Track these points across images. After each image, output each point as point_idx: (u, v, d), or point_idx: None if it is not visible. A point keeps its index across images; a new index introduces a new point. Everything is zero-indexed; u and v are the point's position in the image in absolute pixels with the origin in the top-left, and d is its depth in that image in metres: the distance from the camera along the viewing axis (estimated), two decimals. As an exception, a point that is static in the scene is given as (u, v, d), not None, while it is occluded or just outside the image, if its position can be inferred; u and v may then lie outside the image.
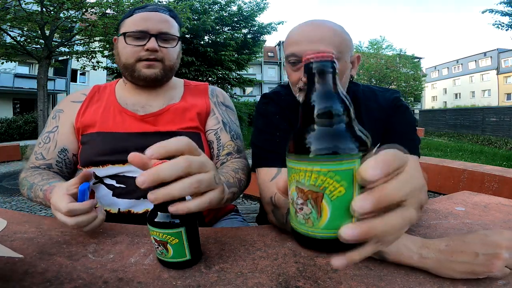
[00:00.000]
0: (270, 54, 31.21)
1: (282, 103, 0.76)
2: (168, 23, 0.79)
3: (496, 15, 9.75)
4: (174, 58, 0.81)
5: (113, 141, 0.75)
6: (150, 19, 0.76)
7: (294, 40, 0.66)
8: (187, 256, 0.45)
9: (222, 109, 0.89)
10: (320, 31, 0.65)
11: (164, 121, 0.79)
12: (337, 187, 0.26)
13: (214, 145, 0.83)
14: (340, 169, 0.26)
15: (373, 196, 0.25)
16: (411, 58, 25.32)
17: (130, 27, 0.77)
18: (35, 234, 0.57)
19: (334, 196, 0.26)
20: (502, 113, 12.81)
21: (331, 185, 0.26)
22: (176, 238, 0.44)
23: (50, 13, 4.44)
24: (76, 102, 0.84)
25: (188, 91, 0.89)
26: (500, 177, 2.56)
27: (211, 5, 11.69)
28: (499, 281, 0.42)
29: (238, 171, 0.71)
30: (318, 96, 0.29)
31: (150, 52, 0.75)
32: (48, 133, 0.81)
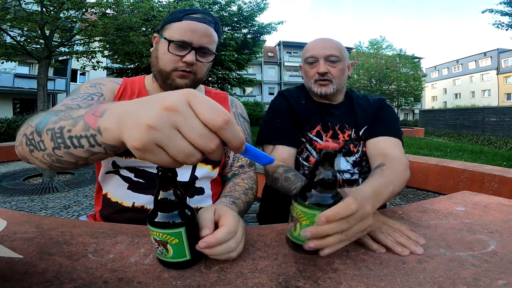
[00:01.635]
0: (270, 54, 31.20)
1: (292, 101, 0.99)
2: (211, 38, 0.78)
3: (496, 15, 9.75)
4: (205, 72, 0.82)
5: None
6: (196, 31, 0.74)
7: (311, 47, 0.97)
8: (187, 256, 0.45)
9: (240, 120, 0.93)
10: (329, 42, 0.96)
11: None
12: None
13: (230, 155, 0.88)
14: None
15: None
16: (411, 58, 25.29)
17: (176, 35, 0.74)
18: (35, 234, 0.57)
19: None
20: (502, 113, 12.81)
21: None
22: (176, 238, 0.44)
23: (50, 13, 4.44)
24: (115, 82, 0.82)
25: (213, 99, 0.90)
26: (500, 177, 2.56)
27: (211, 5, 11.68)
28: (499, 281, 0.42)
29: (248, 192, 0.76)
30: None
31: (187, 64, 0.75)
32: (89, 94, 0.71)
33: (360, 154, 0.96)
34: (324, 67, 0.93)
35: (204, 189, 0.82)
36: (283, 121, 0.96)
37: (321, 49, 0.94)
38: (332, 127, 0.96)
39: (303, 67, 1.00)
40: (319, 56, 0.95)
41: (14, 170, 5.71)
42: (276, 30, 12.90)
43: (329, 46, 0.95)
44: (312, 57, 0.95)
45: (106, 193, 0.79)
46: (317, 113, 0.99)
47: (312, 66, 0.96)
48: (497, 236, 0.58)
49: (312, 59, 0.95)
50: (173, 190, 0.45)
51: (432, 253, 0.51)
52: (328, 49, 0.94)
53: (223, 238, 0.45)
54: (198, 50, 0.76)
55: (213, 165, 0.83)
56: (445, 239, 0.57)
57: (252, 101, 23.07)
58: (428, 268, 0.46)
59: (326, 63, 0.94)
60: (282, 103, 1.00)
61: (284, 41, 31.08)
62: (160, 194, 0.45)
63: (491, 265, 0.47)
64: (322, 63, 0.94)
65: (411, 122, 25.69)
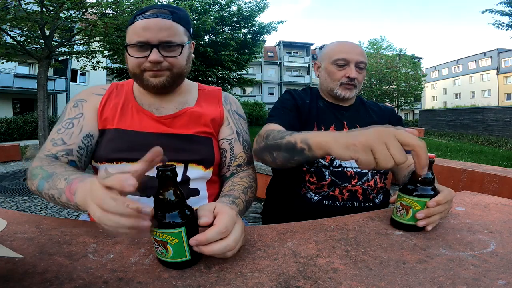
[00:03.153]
0: (270, 54, 31.20)
1: (297, 98, 1.02)
2: (170, 30, 0.73)
3: (496, 15, 9.74)
4: (182, 65, 0.77)
5: (130, 139, 0.75)
6: (150, 29, 0.71)
7: (344, 50, 0.97)
8: (187, 256, 0.45)
9: (236, 118, 0.90)
10: (360, 48, 0.99)
11: (179, 124, 0.80)
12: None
13: (227, 154, 0.86)
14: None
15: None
16: (411, 58, 25.30)
17: (131, 38, 0.73)
18: (35, 234, 0.57)
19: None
20: (502, 113, 12.82)
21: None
22: (176, 238, 0.44)
23: (50, 13, 4.44)
24: (98, 94, 0.83)
25: (202, 96, 0.89)
26: (500, 177, 2.56)
27: (211, 5, 11.68)
28: (499, 281, 0.42)
29: (248, 191, 0.75)
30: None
31: (153, 64, 0.72)
32: (71, 119, 0.77)
33: None
34: (355, 73, 0.96)
35: (199, 190, 0.80)
36: (289, 109, 0.98)
37: (354, 54, 0.96)
38: (347, 126, 0.98)
39: (327, 67, 1.00)
40: (351, 60, 0.96)
41: (14, 170, 5.71)
42: (276, 30, 12.90)
43: (360, 52, 0.98)
44: (344, 60, 0.96)
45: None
46: (330, 112, 1.00)
47: (341, 68, 0.97)
48: (497, 236, 0.58)
49: (343, 62, 0.96)
50: (173, 189, 0.45)
51: (432, 253, 0.51)
52: (359, 55, 0.96)
53: (213, 238, 0.45)
54: (160, 46, 0.72)
55: (205, 166, 0.80)
56: (445, 239, 0.57)
57: (252, 101, 23.08)
58: (428, 268, 0.46)
59: (356, 69, 0.96)
60: (288, 99, 1.02)
61: (284, 41, 31.09)
62: (160, 193, 0.45)
63: (491, 265, 0.47)
64: (353, 68, 0.96)
65: (411, 122, 25.68)
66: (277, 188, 1.06)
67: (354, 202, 0.91)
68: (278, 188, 1.05)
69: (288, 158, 0.69)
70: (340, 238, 0.57)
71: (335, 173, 0.92)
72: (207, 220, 0.46)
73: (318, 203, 0.92)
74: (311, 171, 0.94)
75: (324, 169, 0.93)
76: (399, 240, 0.57)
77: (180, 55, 0.75)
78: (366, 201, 0.93)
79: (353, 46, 0.99)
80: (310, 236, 0.58)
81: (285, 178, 1.00)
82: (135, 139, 0.76)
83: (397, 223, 0.62)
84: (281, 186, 1.04)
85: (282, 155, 0.71)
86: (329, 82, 1.00)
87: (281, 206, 1.01)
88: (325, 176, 0.92)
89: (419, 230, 0.60)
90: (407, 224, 0.60)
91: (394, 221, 0.63)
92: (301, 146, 0.65)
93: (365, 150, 0.50)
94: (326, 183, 0.91)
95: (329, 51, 1.01)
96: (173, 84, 0.80)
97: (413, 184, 0.60)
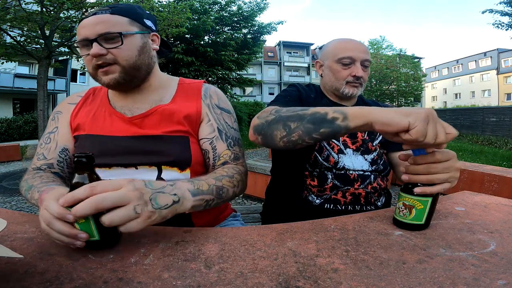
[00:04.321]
0: (270, 54, 31.20)
1: (302, 92, 1.00)
2: (107, 23, 0.71)
3: (496, 15, 9.75)
4: (130, 55, 0.73)
5: (99, 144, 0.75)
6: (87, 25, 0.71)
7: (349, 48, 0.95)
8: (95, 236, 0.48)
9: (217, 113, 0.83)
10: (364, 46, 0.98)
11: (150, 123, 0.77)
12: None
13: (210, 155, 0.80)
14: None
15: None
16: (411, 58, 25.30)
17: (77, 39, 0.74)
18: (35, 234, 0.57)
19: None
20: (502, 113, 12.81)
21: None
22: (83, 219, 0.47)
23: (50, 13, 4.44)
24: (72, 104, 0.85)
25: (181, 91, 0.85)
26: (500, 177, 2.56)
27: (211, 5, 11.69)
28: (499, 281, 0.42)
29: (223, 178, 0.70)
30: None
31: (97, 58, 0.71)
32: (48, 134, 0.82)
33: (377, 152, 0.96)
34: (361, 71, 0.95)
35: None
36: (294, 99, 0.96)
37: (359, 52, 0.95)
38: None
39: (332, 66, 0.98)
40: (357, 58, 0.94)
41: (14, 170, 5.71)
42: (276, 30, 12.91)
43: (365, 50, 0.97)
44: (350, 58, 0.94)
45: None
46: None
47: (346, 67, 0.96)
48: (497, 236, 0.58)
49: (348, 60, 0.95)
50: (88, 173, 0.49)
51: (432, 253, 0.51)
52: (365, 53, 0.96)
53: (79, 193, 0.45)
54: (99, 39, 0.70)
55: (180, 167, 0.75)
56: (445, 239, 0.57)
57: (252, 101, 23.07)
58: (428, 268, 0.46)
59: (361, 67, 0.95)
60: (293, 90, 1.00)
61: (284, 41, 31.10)
62: (75, 178, 0.49)
63: (491, 265, 0.47)
64: (359, 67, 0.94)
65: (411, 122, 25.54)
66: (278, 189, 1.04)
67: (356, 206, 0.91)
68: (278, 189, 1.04)
69: (312, 130, 0.62)
70: (340, 238, 0.57)
71: (338, 176, 0.91)
72: (62, 201, 0.46)
73: (320, 206, 0.90)
74: (313, 175, 0.92)
75: (327, 172, 0.91)
76: (399, 240, 0.57)
77: (123, 44, 0.72)
78: (368, 204, 0.92)
79: (358, 44, 0.97)
80: (310, 236, 0.58)
81: (286, 179, 0.99)
82: (104, 144, 0.74)
83: (401, 223, 0.62)
84: (282, 187, 1.02)
85: (304, 127, 0.63)
86: (334, 81, 0.98)
87: (282, 208, 0.99)
88: (327, 180, 0.91)
89: (424, 229, 0.60)
90: (411, 223, 0.60)
91: (397, 221, 0.63)
92: (333, 115, 0.60)
93: (424, 120, 0.51)
94: (329, 186, 0.90)
95: (333, 49, 0.98)
96: (131, 80, 0.76)
97: (414, 183, 0.60)
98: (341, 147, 0.94)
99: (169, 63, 10.71)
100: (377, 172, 0.94)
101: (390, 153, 1.00)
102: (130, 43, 0.73)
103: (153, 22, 0.82)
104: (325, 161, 0.92)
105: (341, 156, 0.92)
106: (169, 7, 7.51)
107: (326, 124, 0.60)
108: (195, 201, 0.59)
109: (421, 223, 0.60)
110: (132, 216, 0.47)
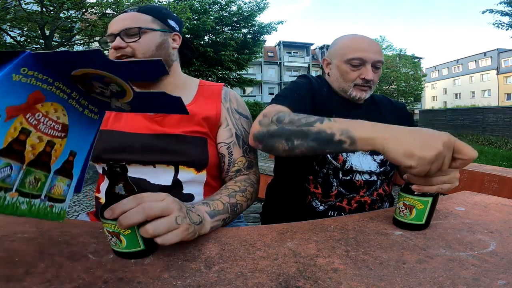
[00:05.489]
0: (270, 54, 31.21)
1: (315, 85, 0.90)
2: (130, 20, 0.77)
3: (496, 15, 9.75)
4: (147, 49, 0.77)
5: (121, 140, 0.76)
6: (114, 22, 0.78)
7: (360, 48, 0.85)
8: (140, 246, 0.47)
9: (236, 117, 0.84)
10: (377, 45, 0.88)
11: (171, 122, 0.78)
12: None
13: (225, 160, 0.81)
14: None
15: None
16: (411, 58, 25.30)
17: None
18: (35, 234, 0.57)
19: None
20: (502, 113, 12.81)
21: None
22: (129, 229, 0.46)
23: (50, 13, 4.44)
24: None
25: (201, 93, 0.86)
26: (500, 177, 2.56)
27: (211, 5, 11.70)
28: (499, 281, 0.42)
29: (236, 194, 0.71)
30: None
31: (117, 51, 0.76)
32: None
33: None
34: (372, 74, 0.85)
35: (194, 196, 0.78)
36: (303, 96, 0.85)
37: (372, 53, 0.85)
38: None
39: (340, 66, 0.89)
40: (368, 60, 0.85)
41: (14, 170, 5.70)
42: (276, 30, 12.92)
43: (378, 50, 0.87)
44: (360, 59, 0.85)
45: (99, 197, 0.82)
46: (343, 108, 0.91)
47: (356, 68, 0.86)
48: (497, 236, 0.58)
49: (358, 62, 0.85)
50: (123, 184, 0.48)
51: (432, 253, 0.51)
52: (377, 54, 0.86)
53: (125, 204, 0.45)
54: (121, 34, 0.75)
55: (196, 169, 0.77)
56: (445, 239, 0.57)
57: (252, 101, 23.07)
58: (428, 268, 0.46)
59: (372, 69, 0.86)
60: (305, 82, 0.90)
61: (284, 41, 31.11)
62: (110, 188, 0.48)
63: (491, 265, 0.47)
64: (370, 69, 0.85)
65: (411, 122, 25.59)
66: (280, 191, 1.00)
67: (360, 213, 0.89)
68: (280, 192, 0.99)
69: (316, 148, 0.60)
70: (340, 238, 0.57)
71: (343, 183, 0.87)
72: (109, 212, 0.46)
73: (323, 212, 0.87)
74: (317, 181, 0.88)
75: (333, 178, 0.87)
76: (399, 240, 0.57)
77: (140, 38, 0.76)
78: (372, 210, 0.88)
79: (371, 43, 0.87)
80: (310, 236, 0.58)
81: (290, 182, 0.94)
82: (125, 140, 0.76)
83: (401, 223, 0.62)
84: (284, 189, 0.97)
85: (308, 145, 0.61)
86: (341, 82, 0.90)
87: (283, 211, 0.95)
88: (332, 187, 0.87)
89: (424, 229, 0.60)
90: (412, 223, 0.60)
91: (397, 221, 0.63)
92: (341, 138, 0.57)
93: (428, 163, 0.50)
94: (334, 193, 0.86)
95: (343, 47, 0.89)
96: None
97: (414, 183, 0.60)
98: None
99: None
100: (384, 175, 0.90)
101: None
102: (149, 39, 0.77)
103: (177, 24, 0.86)
104: (334, 159, 0.86)
105: (350, 155, 0.87)
106: (169, 7, 7.52)
107: (332, 146, 0.59)
108: (213, 223, 0.60)
109: (422, 223, 0.60)
110: (173, 226, 0.47)
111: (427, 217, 0.60)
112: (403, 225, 0.62)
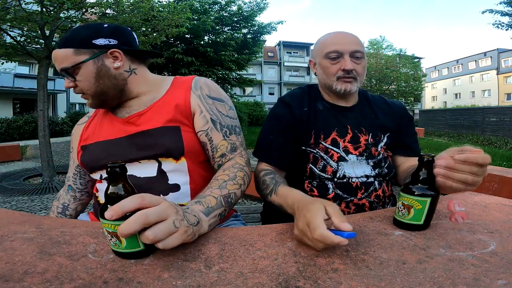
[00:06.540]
0: (270, 54, 31.20)
1: (295, 108, 0.92)
2: (58, 60, 0.76)
3: (496, 15, 9.74)
4: (90, 85, 0.76)
5: (105, 147, 0.81)
6: (55, 61, 0.77)
7: (334, 41, 0.89)
8: (140, 246, 0.47)
9: (209, 103, 0.81)
10: (353, 37, 0.89)
11: (146, 119, 0.79)
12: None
13: (208, 147, 0.80)
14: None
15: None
16: (411, 58, 25.29)
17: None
18: (35, 234, 0.57)
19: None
20: (502, 113, 12.81)
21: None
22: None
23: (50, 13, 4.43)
24: (81, 124, 0.94)
25: (174, 84, 0.85)
26: (500, 177, 2.56)
27: (211, 5, 11.68)
28: (499, 281, 0.42)
29: (227, 184, 0.69)
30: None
31: (71, 88, 0.79)
32: (70, 153, 0.96)
33: (381, 156, 0.90)
34: (351, 64, 0.86)
35: (180, 186, 0.76)
36: (280, 135, 0.90)
37: (346, 44, 0.87)
38: (352, 131, 0.90)
39: (321, 63, 0.91)
40: (344, 51, 0.86)
41: (14, 170, 5.71)
42: (276, 30, 12.91)
43: (354, 41, 0.88)
44: (336, 52, 0.87)
45: (97, 196, 0.84)
46: (331, 116, 0.92)
47: (334, 62, 0.88)
48: (497, 236, 0.58)
49: (335, 54, 0.87)
50: (122, 184, 0.48)
51: (432, 253, 0.51)
52: (353, 44, 0.87)
53: (125, 204, 0.45)
54: (64, 75, 0.79)
55: (174, 157, 0.76)
56: (445, 239, 0.57)
57: (252, 101, 23.07)
58: (428, 268, 0.46)
59: (351, 59, 0.86)
60: (283, 113, 0.92)
61: (284, 41, 31.10)
62: (110, 188, 0.48)
63: (491, 265, 0.47)
64: (348, 59, 0.86)
65: (411, 122, 25.56)
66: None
67: None
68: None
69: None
70: (340, 238, 0.57)
71: (339, 185, 0.86)
72: (110, 213, 0.45)
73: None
74: (313, 185, 0.88)
75: (328, 181, 0.87)
76: (399, 240, 0.57)
77: (77, 77, 0.76)
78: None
79: (345, 35, 0.89)
80: (310, 236, 0.58)
81: (289, 183, 0.91)
82: (109, 147, 0.80)
83: (400, 222, 0.62)
84: None
85: (275, 207, 0.78)
86: (325, 78, 0.91)
87: (283, 214, 0.95)
88: (328, 189, 0.86)
89: (421, 230, 0.60)
90: (409, 223, 0.61)
91: (396, 221, 0.63)
92: (291, 211, 0.68)
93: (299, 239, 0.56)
94: (331, 196, 0.86)
95: (321, 44, 0.92)
96: (105, 102, 0.81)
97: (414, 183, 0.61)
98: (341, 154, 0.88)
99: (169, 63, 10.71)
100: (381, 177, 0.89)
101: (396, 155, 0.96)
102: (84, 73, 0.76)
103: (113, 37, 0.77)
104: (322, 171, 0.87)
105: (342, 164, 0.87)
106: (169, 7, 7.50)
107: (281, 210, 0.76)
108: (210, 220, 0.60)
109: (420, 224, 0.60)
110: (172, 230, 0.47)
111: (426, 218, 0.60)
112: (402, 225, 0.62)
